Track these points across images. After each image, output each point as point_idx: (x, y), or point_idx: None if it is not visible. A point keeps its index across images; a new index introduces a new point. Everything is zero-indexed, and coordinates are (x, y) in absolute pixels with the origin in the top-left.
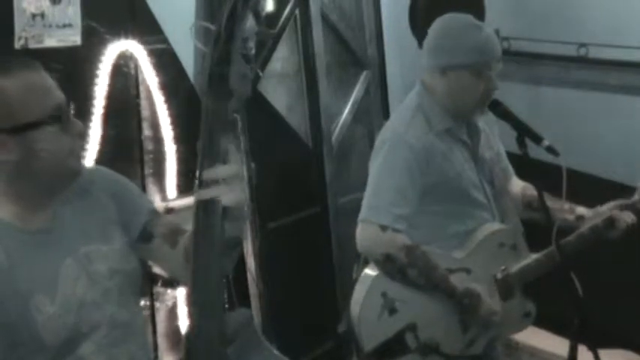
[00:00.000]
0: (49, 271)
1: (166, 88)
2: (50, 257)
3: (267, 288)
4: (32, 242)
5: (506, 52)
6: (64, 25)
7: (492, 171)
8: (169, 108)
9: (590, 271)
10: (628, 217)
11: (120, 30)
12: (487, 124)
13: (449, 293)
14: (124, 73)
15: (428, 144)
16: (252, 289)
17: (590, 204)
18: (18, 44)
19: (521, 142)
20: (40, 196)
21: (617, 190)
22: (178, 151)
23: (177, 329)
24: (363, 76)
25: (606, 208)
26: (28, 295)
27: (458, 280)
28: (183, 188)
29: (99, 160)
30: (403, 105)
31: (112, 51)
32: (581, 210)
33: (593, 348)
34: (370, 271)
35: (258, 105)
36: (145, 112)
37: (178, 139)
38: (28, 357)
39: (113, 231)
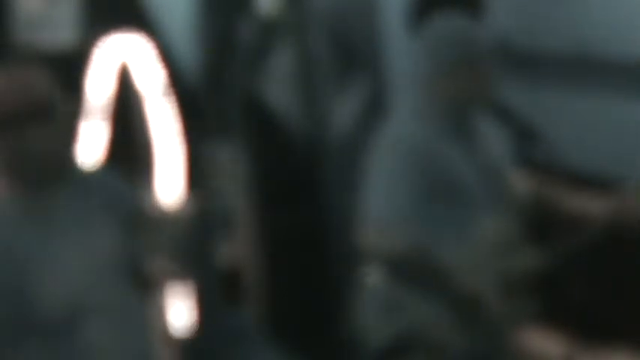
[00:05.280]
0: (44, 253)
1: (165, 87)
2: (45, 240)
3: (265, 288)
4: (28, 224)
5: (507, 52)
6: (62, 25)
7: (492, 170)
8: (169, 107)
9: (592, 268)
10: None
11: (119, 29)
12: (487, 123)
13: (452, 290)
14: (123, 72)
15: (427, 143)
16: (250, 289)
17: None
18: (15, 43)
19: (521, 142)
20: (33, 183)
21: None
22: (178, 151)
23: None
24: (362, 77)
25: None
26: (23, 276)
27: (464, 281)
28: (183, 188)
29: (100, 160)
30: (402, 105)
31: (111, 50)
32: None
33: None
34: (373, 272)
35: (255, 106)
36: (145, 112)
37: (177, 139)
38: (25, 338)
39: (109, 230)
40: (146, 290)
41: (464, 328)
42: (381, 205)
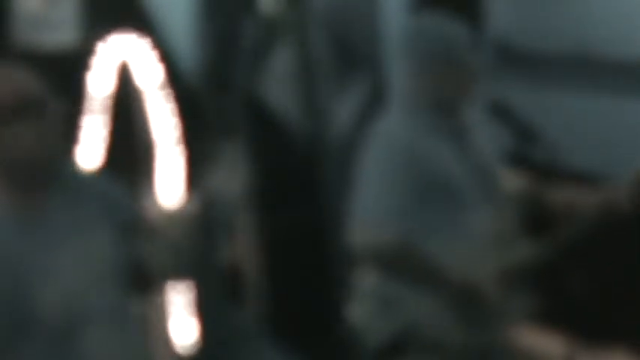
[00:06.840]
0: (39, 257)
1: (165, 87)
2: (40, 245)
3: (265, 288)
4: (21, 226)
5: (507, 52)
6: (62, 25)
7: (485, 168)
8: (169, 107)
9: (592, 267)
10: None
11: (119, 29)
12: (478, 120)
13: (447, 287)
14: (123, 72)
15: (419, 143)
16: (250, 289)
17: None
18: (15, 43)
19: (520, 142)
20: (23, 184)
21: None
22: (178, 151)
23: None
24: (362, 77)
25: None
26: (18, 280)
27: (455, 275)
28: (184, 188)
29: (99, 161)
30: (394, 105)
31: (111, 50)
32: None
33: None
34: (368, 271)
35: (256, 106)
36: (145, 112)
37: (178, 140)
38: (24, 344)
39: (106, 234)
40: (146, 293)
41: (461, 325)
42: (373, 204)
